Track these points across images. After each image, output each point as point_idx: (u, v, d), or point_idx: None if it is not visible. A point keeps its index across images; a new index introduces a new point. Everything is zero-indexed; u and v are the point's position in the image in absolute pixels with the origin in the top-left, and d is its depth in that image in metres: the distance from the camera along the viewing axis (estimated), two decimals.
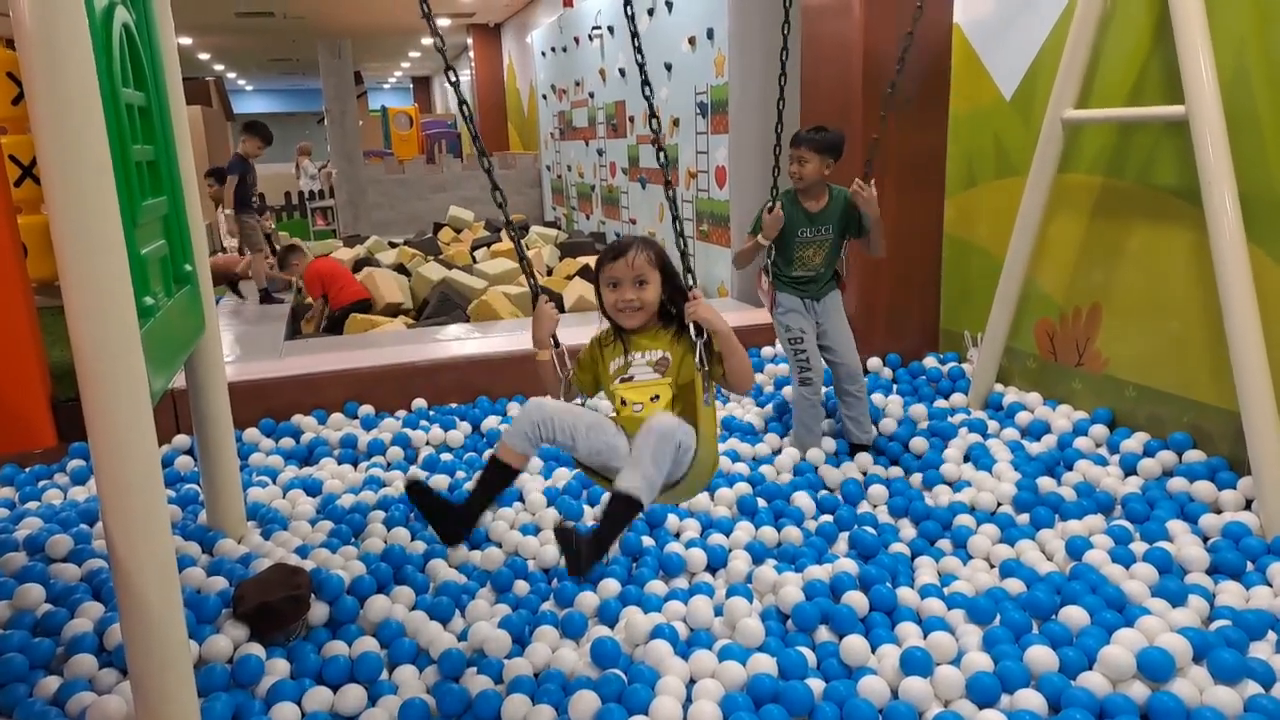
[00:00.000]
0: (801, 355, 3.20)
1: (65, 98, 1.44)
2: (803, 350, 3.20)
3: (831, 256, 3.25)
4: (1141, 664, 1.91)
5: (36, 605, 2.33)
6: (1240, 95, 2.66)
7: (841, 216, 3.21)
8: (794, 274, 3.25)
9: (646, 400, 1.92)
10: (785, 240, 3.20)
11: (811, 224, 3.19)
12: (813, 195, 3.19)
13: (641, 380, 1.94)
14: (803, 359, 3.20)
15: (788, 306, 3.25)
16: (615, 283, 1.94)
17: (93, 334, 1.50)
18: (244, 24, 13.03)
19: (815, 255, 3.22)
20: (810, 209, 3.19)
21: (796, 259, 3.23)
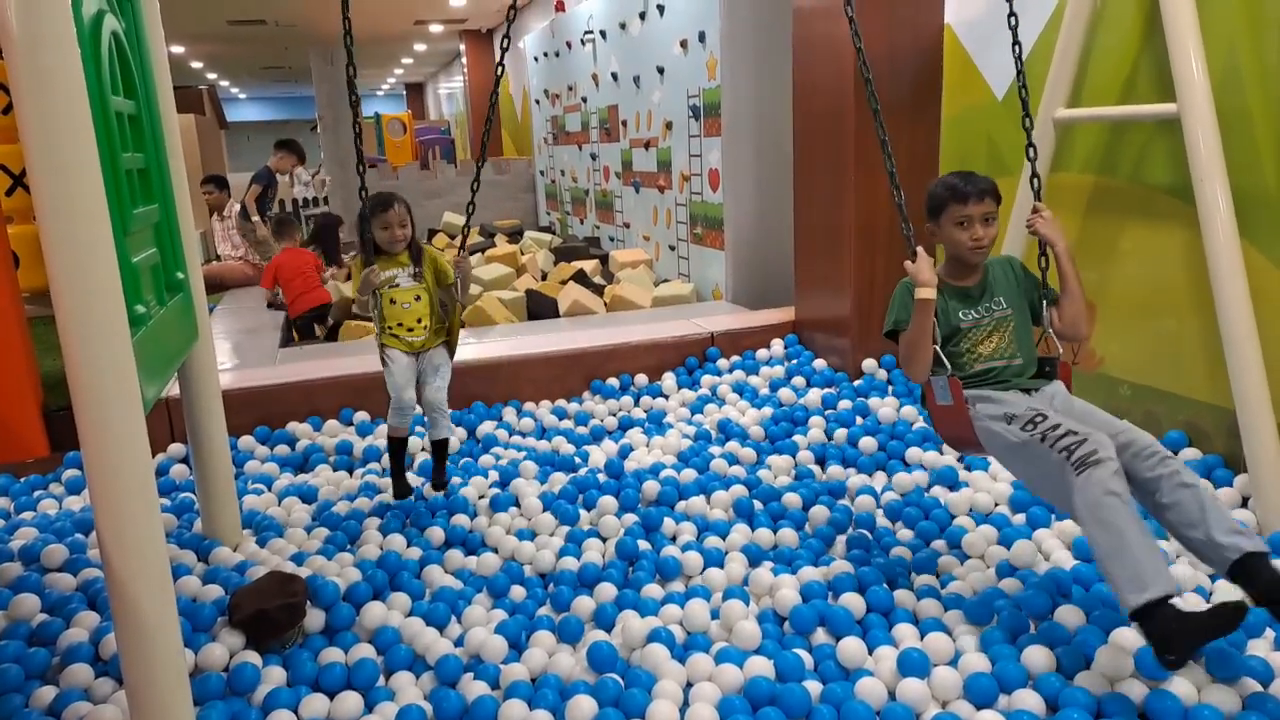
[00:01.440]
0: (1057, 429, 1.97)
1: (54, 106, 1.44)
2: (1053, 424, 1.99)
3: (1021, 337, 2.26)
4: (1139, 663, 1.91)
5: (32, 615, 2.32)
6: (1231, 92, 2.67)
7: (1012, 282, 2.31)
8: (975, 371, 2.22)
9: (411, 299, 2.86)
10: (942, 333, 2.22)
11: (971, 303, 2.25)
12: (964, 270, 2.28)
13: (406, 286, 2.86)
14: (1060, 433, 1.95)
15: (989, 397, 2.16)
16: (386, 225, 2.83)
17: (84, 343, 1.49)
18: (236, 32, 13.04)
19: (997, 342, 2.23)
20: (963, 282, 2.27)
21: (968, 354, 2.22)
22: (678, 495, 2.97)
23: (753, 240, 5.66)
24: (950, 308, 2.24)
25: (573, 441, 3.57)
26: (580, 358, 4.14)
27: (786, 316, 4.55)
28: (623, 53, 7.28)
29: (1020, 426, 2.04)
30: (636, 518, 2.83)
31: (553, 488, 3.08)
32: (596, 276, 6.88)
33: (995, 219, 2.23)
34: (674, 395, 4.01)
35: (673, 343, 4.31)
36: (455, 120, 19.98)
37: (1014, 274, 2.34)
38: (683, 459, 3.31)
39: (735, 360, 4.27)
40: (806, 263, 4.38)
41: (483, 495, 3.08)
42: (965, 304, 2.25)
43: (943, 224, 2.24)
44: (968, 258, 2.24)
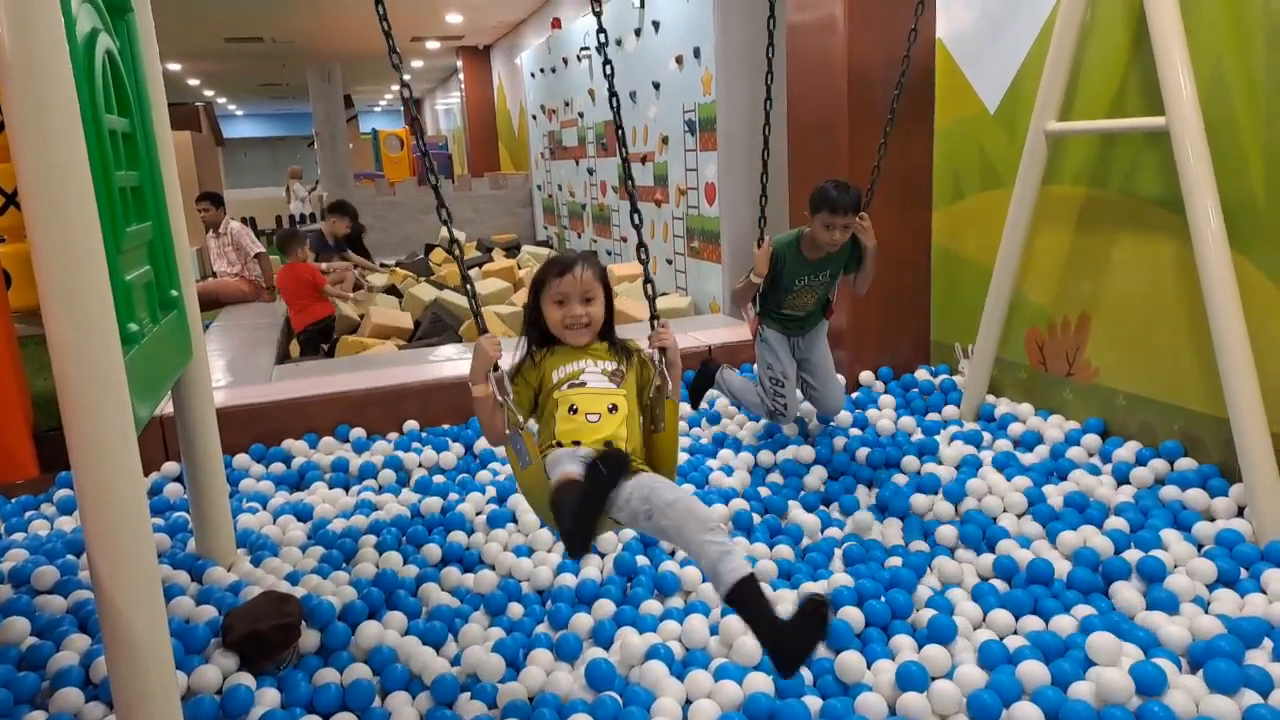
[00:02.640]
0: (780, 397, 3.18)
1: (47, 125, 1.43)
2: (782, 393, 3.18)
3: (824, 297, 3.21)
4: (1136, 675, 1.90)
5: (21, 639, 2.30)
6: (1219, 105, 2.68)
7: (843, 260, 3.14)
8: (783, 313, 3.20)
9: (604, 410, 1.82)
10: (780, 284, 3.12)
11: (812, 272, 3.11)
12: (817, 249, 3.07)
13: (596, 388, 1.84)
14: (780, 400, 3.19)
15: (772, 343, 3.21)
16: (563, 299, 1.89)
17: (75, 362, 1.48)
18: (233, 49, 13.08)
19: (809, 298, 3.17)
20: (811, 257, 3.09)
21: (788, 301, 3.17)
22: None
23: (750, 253, 5.64)
24: (793, 272, 3.09)
25: None
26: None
27: None
28: (619, 68, 7.29)
29: (769, 376, 3.19)
30: (633, 533, 2.82)
31: None
32: None
33: (851, 228, 2.98)
34: None
35: None
36: (453, 136, 20.03)
37: (848, 248, 3.09)
38: (680, 473, 3.30)
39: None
40: None
41: (480, 512, 3.06)
42: (804, 272, 3.10)
43: (815, 220, 2.98)
44: (826, 249, 3.02)
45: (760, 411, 3.30)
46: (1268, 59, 2.57)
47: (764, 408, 3.25)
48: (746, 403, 3.37)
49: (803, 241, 3.08)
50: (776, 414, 3.21)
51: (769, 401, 3.20)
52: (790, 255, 3.08)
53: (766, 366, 3.20)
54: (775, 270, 3.08)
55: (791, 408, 3.19)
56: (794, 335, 3.23)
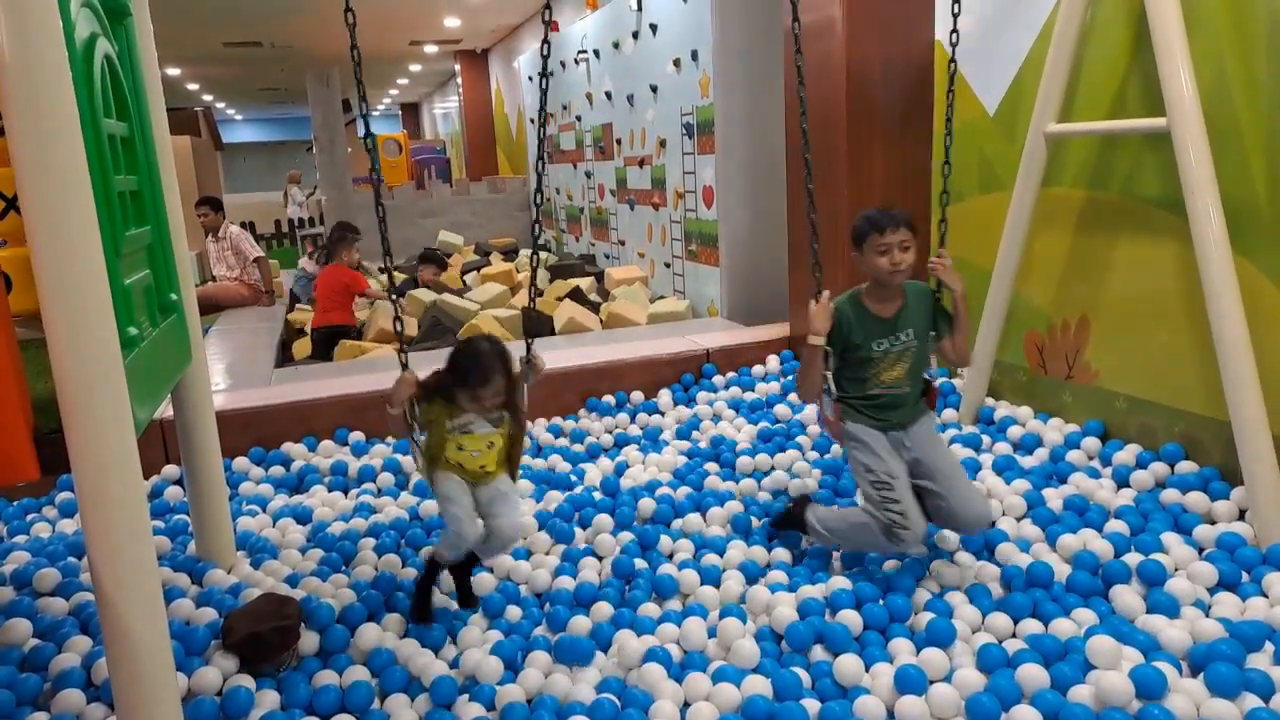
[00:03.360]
0: (894, 506, 2.34)
1: (46, 130, 1.44)
2: (895, 500, 2.34)
3: (918, 369, 2.51)
4: (1136, 678, 1.90)
5: (24, 640, 2.30)
6: (1220, 106, 2.68)
7: (924, 313, 2.51)
8: (870, 396, 2.47)
9: (483, 447, 2.37)
10: (853, 353, 2.47)
11: (888, 332, 2.46)
12: (889, 295, 2.47)
13: (480, 433, 2.37)
14: (895, 510, 2.33)
15: (865, 439, 2.45)
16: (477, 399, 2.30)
17: (75, 365, 1.49)
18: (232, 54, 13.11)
19: (898, 371, 2.47)
20: (883, 313, 2.46)
21: (872, 378, 2.47)
22: (674, 513, 2.96)
23: (747, 257, 5.67)
24: (866, 335, 2.46)
25: (568, 459, 3.56)
26: (576, 375, 4.14)
27: (782, 332, 4.55)
28: (616, 72, 7.32)
29: (870, 482, 2.41)
30: (633, 536, 2.82)
31: (548, 506, 3.07)
32: (592, 294, 6.89)
33: (912, 246, 2.41)
34: (670, 412, 4.00)
35: (668, 359, 4.31)
36: (450, 140, 20.05)
37: (926, 303, 2.54)
38: (679, 476, 3.30)
39: (731, 377, 4.27)
40: (800, 279, 4.39)
41: None
42: (881, 333, 2.47)
43: (865, 252, 2.43)
44: (887, 280, 2.44)
45: (874, 539, 2.40)
46: (1269, 59, 2.57)
47: (877, 528, 2.37)
48: (853, 539, 2.49)
49: (865, 295, 2.50)
50: (894, 530, 2.32)
51: (880, 514, 2.35)
52: (853, 311, 2.47)
53: (865, 471, 2.42)
54: (845, 335, 2.46)
55: (914, 515, 2.33)
56: (893, 430, 2.48)
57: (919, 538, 2.36)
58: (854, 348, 2.46)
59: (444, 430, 2.34)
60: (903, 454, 2.47)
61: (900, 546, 2.36)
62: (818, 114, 4.04)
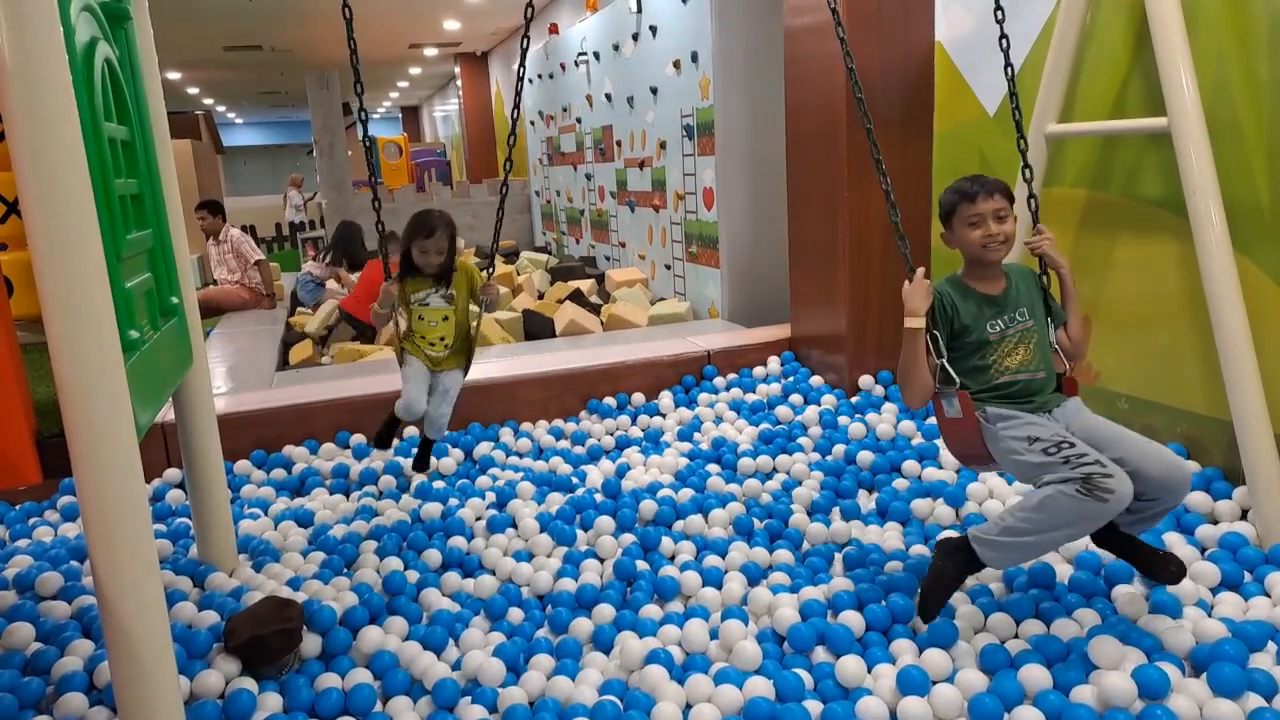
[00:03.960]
0: (1085, 458, 1.96)
1: (46, 133, 1.44)
2: (1082, 452, 1.98)
3: (1044, 349, 2.24)
4: (1139, 679, 1.89)
5: (26, 644, 2.30)
6: (1221, 105, 2.68)
7: (1034, 294, 2.29)
8: (1001, 384, 2.19)
9: (439, 319, 3.00)
10: (969, 338, 2.21)
11: (1001, 311, 2.22)
12: (990, 275, 2.26)
13: (435, 307, 3.00)
14: (1087, 461, 1.95)
15: (1010, 415, 2.15)
16: (424, 250, 2.94)
17: (76, 369, 1.49)
18: (232, 58, 13.12)
19: (1024, 353, 2.20)
20: (988, 290, 2.24)
21: (995, 364, 2.19)
22: (675, 514, 2.96)
23: (748, 258, 5.67)
24: (978, 318, 2.21)
25: (570, 461, 3.56)
26: (577, 377, 4.14)
27: (783, 334, 4.55)
28: (616, 74, 7.32)
29: (1043, 449, 2.03)
30: (634, 538, 2.82)
31: (550, 508, 3.07)
32: (593, 296, 6.89)
33: (1009, 215, 2.20)
34: (671, 414, 4.00)
35: (669, 361, 4.31)
36: (451, 143, 20.06)
37: (1034, 286, 2.32)
38: (680, 478, 3.30)
39: (732, 378, 4.27)
40: (801, 280, 4.39)
41: (480, 517, 3.07)
42: (993, 313, 2.22)
43: (955, 227, 2.23)
44: (984, 256, 2.20)
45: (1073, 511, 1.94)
46: (1270, 59, 2.57)
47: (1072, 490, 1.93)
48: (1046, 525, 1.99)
49: (965, 278, 2.28)
50: (1095, 481, 1.91)
51: (1074, 473, 1.94)
52: (957, 293, 2.24)
53: (1030, 442, 2.06)
54: (952, 320, 2.21)
55: (1114, 466, 1.95)
56: (1038, 412, 2.18)
57: (1127, 489, 1.92)
58: (965, 331, 2.20)
59: (408, 302, 2.95)
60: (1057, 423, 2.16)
61: (1110, 500, 1.90)
62: (817, 116, 4.05)
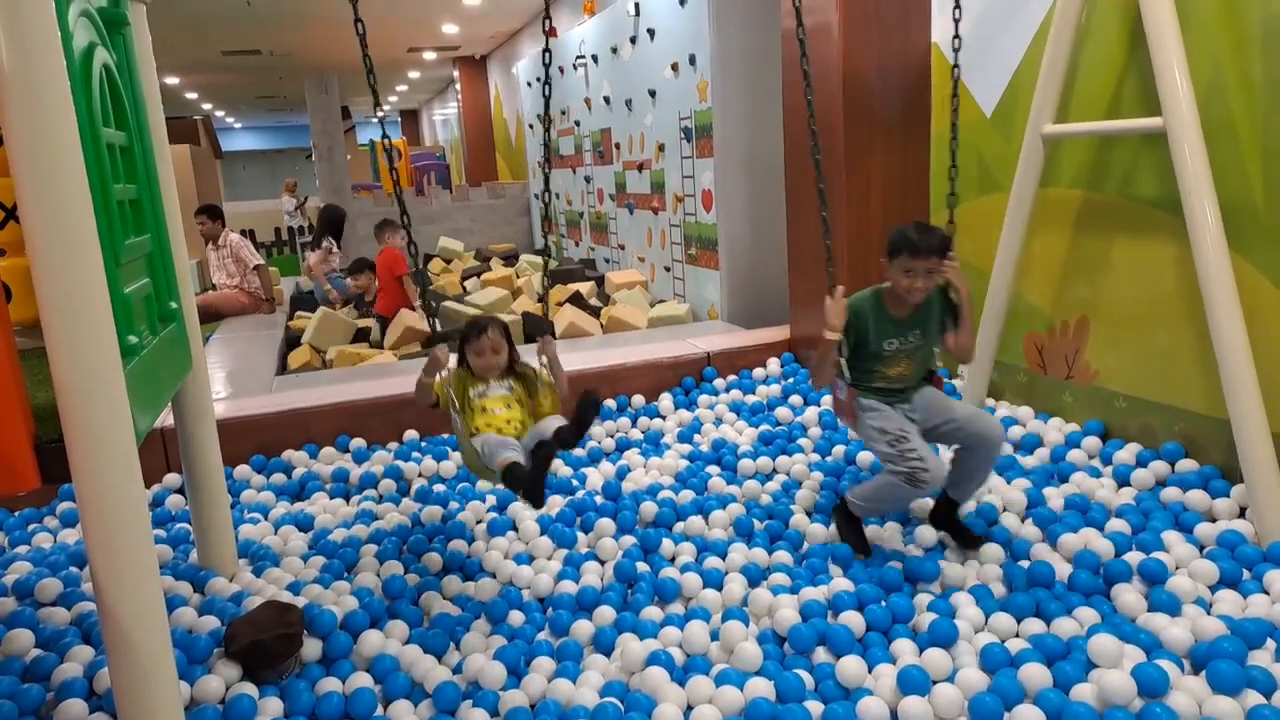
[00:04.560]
0: (912, 454, 2.46)
1: (45, 139, 1.44)
2: (912, 449, 2.47)
3: (924, 365, 2.68)
4: (1138, 677, 1.90)
5: (25, 651, 2.30)
6: (1216, 105, 2.69)
7: (938, 318, 2.65)
8: (875, 386, 2.65)
9: (503, 406, 2.60)
10: (867, 349, 2.61)
11: (899, 332, 2.60)
12: (899, 301, 2.58)
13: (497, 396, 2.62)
14: (914, 458, 2.46)
15: (874, 407, 2.61)
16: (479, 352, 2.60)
17: (75, 374, 1.49)
18: (231, 62, 13.13)
19: (905, 367, 2.63)
20: (897, 314, 2.59)
21: (880, 373, 2.63)
22: (675, 516, 2.96)
23: (747, 260, 5.67)
24: (879, 333, 2.60)
25: (570, 464, 3.56)
26: (576, 380, 4.10)
27: (782, 335, 4.55)
28: (615, 76, 7.33)
29: (888, 442, 2.53)
30: (635, 540, 2.82)
31: (550, 511, 3.07)
32: (592, 298, 6.89)
33: (937, 272, 2.52)
34: (671, 416, 4.01)
35: (669, 363, 4.31)
36: (450, 146, 20.07)
37: (937, 302, 2.64)
38: (680, 479, 3.31)
39: (732, 380, 4.27)
40: (800, 281, 4.39)
41: (480, 520, 3.07)
42: (892, 333, 2.60)
43: (893, 266, 2.54)
44: (906, 298, 2.56)
45: (901, 493, 2.52)
46: (1265, 59, 2.57)
47: (899, 479, 2.48)
48: (881, 499, 2.63)
49: (884, 295, 2.61)
50: (917, 475, 2.45)
51: (901, 466, 2.47)
52: (872, 312, 2.59)
53: (879, 433, 2.55)
54: (858, 332, 2.60)
55: (930, 458, 2.46)
56: (899, 404, 2.65)
57: (940, 477, 2.49)
58: (865, 343, 2.61)
59: (468, 398, 2.61)
60: (911, 418, 2.64)
61: (924, 488, 2.48)
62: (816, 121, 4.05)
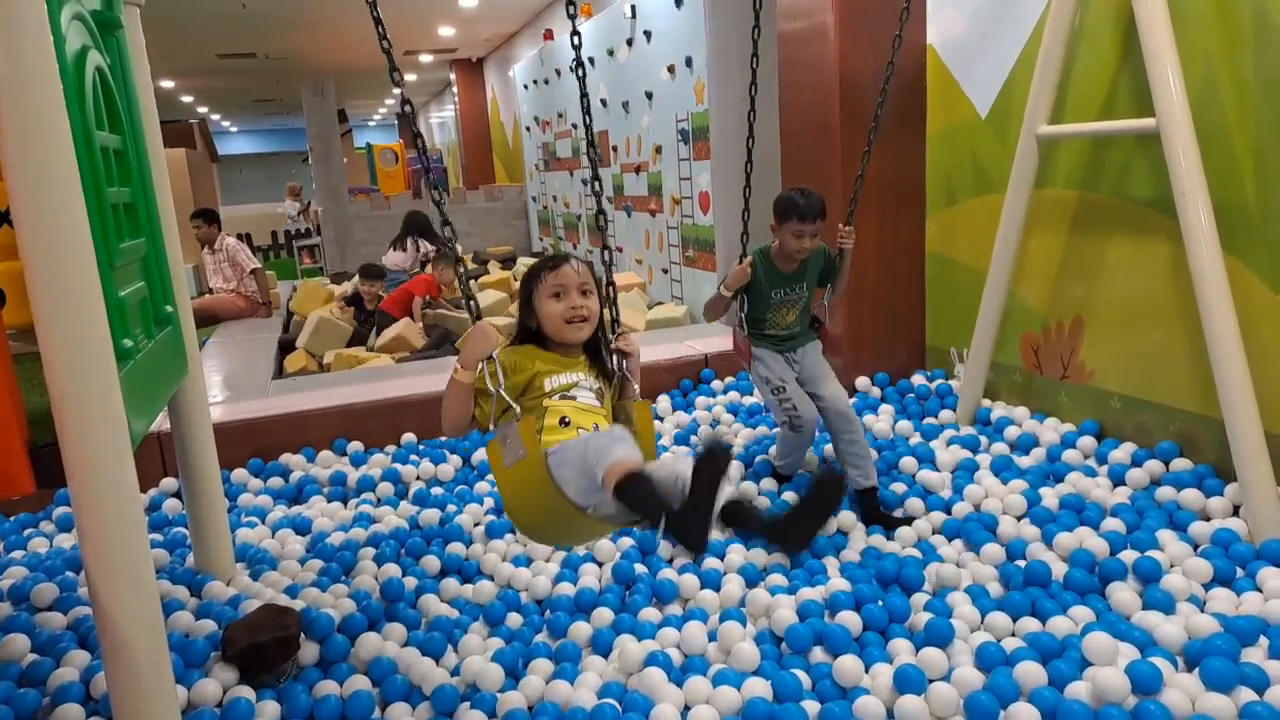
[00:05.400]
0: (787, 403, 2.96)
1: (38, 142, 1.44)
2: (787, 398, 2.96)
3: (805, 313, 3.13)
4: (1132, 674, 1.90)
5: (22, 655, 2.30)
6: (1209, 106, 2.70)
7: (817, 272, 3.10)
8: (768, 333, 3.10)
9: (589, 427, 1.77)
10: (756, 300, 3.05)
11: (786, 284, 3.04)
12: (788, 259, 3.01)
13: (585, 404, 1.81)
14: (789, 406, 2.96)
15: (764, 359, 3.07)
16: (560, 291, 1.84)
17: (70, 378, 1.49)
18: (226, 65, 13.12)
19: (789, 315, 3.08)
20: (785, 269, 3.02)
21: (769, 319, 3.08)
22: None
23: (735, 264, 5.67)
24: (770, 284, 3.02)
25: None
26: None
27: None
28: (611, 79, 7.34)
29: (771, 390, 3.01)
30: (633, 541, 2.82)
31: None
32: None
33: (819, 234, 2.93)
34: (669, 418, 4.01)
35: (667, 365, 4.31)
36: (447, 149, 20.07)
37: (822, 263, 3.10)
38: None
39: (729, 381, 4.28)
40: None
41: (478, 522, 3.07)
42: (781, 284, 3.03)
43: (783, 229, 2.95)
44: (792, 256, 2.99)
45: (793, 443, 3.15)
46: (1257, 60, 2.58)
47: (785, 428, 3.04)
48: (788, 450, 3.22)
49: (773, 252, 3.03)
50: (793, 422, 2.97)
51: (780, 414, 3.00)
52: (764, 266, 3.01)
53: (764, 382, 3.04)
54: (752, 283, 3.01)
55: (805, 411, 2.94)
56: (787, 352, 3.10)
57: (811, 424, 2.98)
58: (756, 290, 3.03)
59: (540, 397, 1.79)
60: (793, 368, 3.09)
61: (804, 429, 2.99)
62: (812, 119, 4.06)
